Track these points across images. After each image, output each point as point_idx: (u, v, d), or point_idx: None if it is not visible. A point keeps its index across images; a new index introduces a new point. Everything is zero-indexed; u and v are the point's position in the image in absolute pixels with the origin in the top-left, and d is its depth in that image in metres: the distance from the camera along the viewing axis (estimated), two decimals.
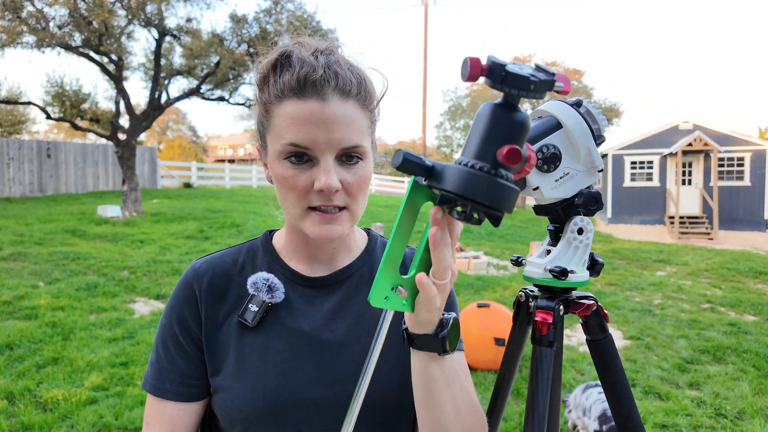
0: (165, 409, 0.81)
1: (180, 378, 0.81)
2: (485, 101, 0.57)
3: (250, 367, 0.78)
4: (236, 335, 0.80)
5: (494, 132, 0.51)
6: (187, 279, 0.84)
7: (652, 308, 6.31)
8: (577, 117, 0.86)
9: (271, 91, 0.74)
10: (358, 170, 0.75)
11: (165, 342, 0.83)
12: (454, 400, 0.70)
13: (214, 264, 0.86)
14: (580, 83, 21.89)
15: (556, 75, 0.52)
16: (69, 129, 17.95)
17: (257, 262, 0.86)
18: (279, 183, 0.75)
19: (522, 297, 0.98)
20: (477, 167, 0.50)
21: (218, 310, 0.82)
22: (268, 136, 0.76)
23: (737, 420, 3.52)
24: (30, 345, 4.22)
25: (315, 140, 0.71)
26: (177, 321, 0.82)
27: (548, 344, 0.89)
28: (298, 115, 0.71)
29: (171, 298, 0.85)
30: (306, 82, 0.71)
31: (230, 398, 0.77)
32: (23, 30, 9.22)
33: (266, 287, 0.81)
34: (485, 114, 0.52)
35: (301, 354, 0.79)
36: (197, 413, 0.83)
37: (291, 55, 0.74)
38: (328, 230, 0.75)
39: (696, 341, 5.07)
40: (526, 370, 3.84)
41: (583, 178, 0.87)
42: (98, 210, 10.58)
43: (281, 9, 11.03)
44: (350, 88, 0.74)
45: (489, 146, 0.51)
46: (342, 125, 0.72)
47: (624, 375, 0.95)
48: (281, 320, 0.81)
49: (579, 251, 0.90)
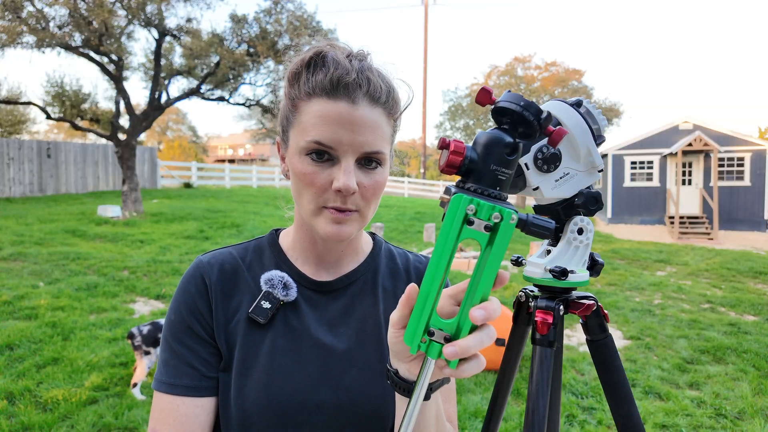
0: (179, 409, 0.77)
1: (199, 370, 0.78)
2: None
3: (255, 366, 0.77)
4: (243, 332, 0.79)
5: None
6: (197, 272, 0.82)
7: (652, 308, 6.31)
8: (577, 117, 0.86)
9: (301, 87, 0.75)
10: (376, 176, 0.76)
11: (178, 337, 0.80)
12: (439, 428, 0.73)
13: (221, 259, 0.85)
14: (580, 83, 21.86)
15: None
16: (69, 129, 17.95)
17: (264, 262, 0.86)
18: (297, 178, 0.76)
19: (522, 297, 0.98)
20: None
21: (227, 306, 0.81)
22: (292, 130, 0.77)
23: (737, 420, 3.52)
24: (30, 345, 4.21)
25: (340, 140, 0.72)
26: (190, 312, 0.80)
27: (548, 344, 0.89)
28: (327, 114, 0.72)
29: (179, 293, 0.82)
30: (339, 83, 0.72)
31: (233, 396, 0.77)
32: (23, 30, 9.22)
33: (282, 284, 0.81)
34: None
35: (306, 356, 0.79)
36: (212, 411, 0.80)
37: (326, 56, 0.75)
38: (339, 230, 0.75)
39: (696, 341, 5.07)
40: (526, 370, 3.84)
41: (583, 178, 0.88)
42: (98, 210, 10.58)
43: (281, 9, 11.04)
44: (379, 95, 0.75)
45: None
46: (367, 129, 0.73)
47: (624, 375, 0.95)
48: (288, 321, 0.81)
49: (579, 251, 0.90)
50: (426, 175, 28.41)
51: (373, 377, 0.80)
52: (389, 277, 0.90)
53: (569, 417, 3.45)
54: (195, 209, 11.62)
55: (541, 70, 22.65)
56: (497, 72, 23.35)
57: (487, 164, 0.54)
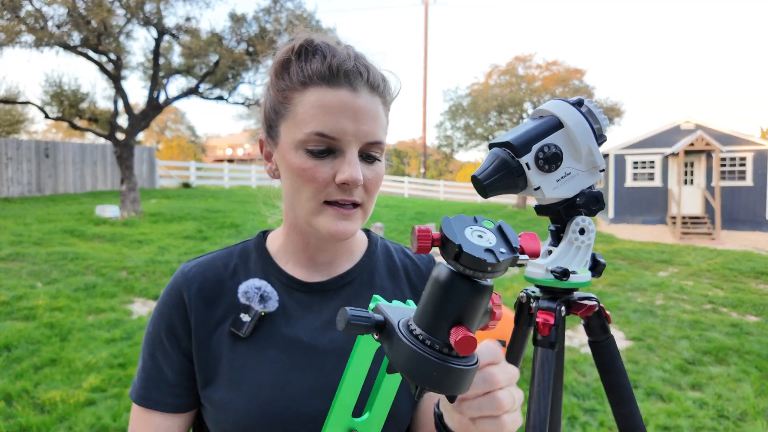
0: (152, 420, 0.77)
1: (168, 388, 0.77)
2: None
3: (243, 379, 0.73)
4: (228, 344, 0.75)
5: (448, 307, 0.45)
6: (176, 284, 0.79)
7: (653, 309, 6.29)
8: (578, 116, 0.85)
9: (293, 77, 0.71)
10: (376, 168, 0.73)
11: (152, 350, 0.78)
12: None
13: (204, 268, 0.80)
14: (581, 82, 21.83)
15: (520, 243, 0.45)
16: (67, 129, 17.96)
17: (250, 267, 0.81)
18: (295, 175, 0.71)
19: (523, 298, 0.98)
20: (428, 344, 0.45)
21: (209, 317, 0.77)
22: (284, 124, 0.72)
23: (739, 421, 3.50)
24: (28, 346, 4.20)
25: (343, 130, 0.68)
26: (165, 329, 0.77)
27: (550, 345, 0.89)
28: (328, 103, 0.68)
29: (159, 304, 0.80)
30: (339, 71, 0.69)
31: (223, 411, 0.73)
32: (22, 29, 9.19)
33: (258, 297, 0.76)
34: (441, 281, 0.45)
35: (297, 364, 0.75)
36: (185, 424, 0.79)
37: (317, 44, 0.71)
38: (344, 227, 0.72)
39: (698, 342, 5.05)
40: (527, 371, 3.83)
41: (585, 178, 0.87)
42: (96, 210, 10.57)
43: (280, 8, 11.02)
44: (378, 84, 0.73)
45: (442, 323, 0.45)
46: (369, 118, 0.70)
47: (626, 376, 0.95)
48: (277, 328, 0.76)
49: (581, 252, 0.89)
50: (426, 175, 28.43)
51: (378, 372, 0.76)
52: (388, 278, 0.86)
53: (571, 419, 3.44)
54: (194, 209, 11.61)
55: (542, 69, 22.61)
56: (498, 71, 23.33)
57: None
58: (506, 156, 0.85)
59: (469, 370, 0.46)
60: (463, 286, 0.44)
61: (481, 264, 0.42)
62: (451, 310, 0.45)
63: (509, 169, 0.84)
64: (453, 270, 0.45)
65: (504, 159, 0.84)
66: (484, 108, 22.25)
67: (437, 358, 0.45)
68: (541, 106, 0.90)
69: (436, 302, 0.45)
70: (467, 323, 0.45)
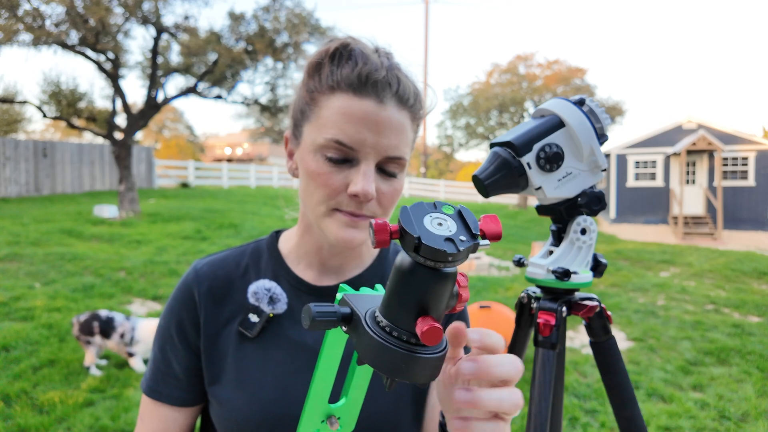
0: (159, 411, 0.79)
1: (175, 382, 0.79)
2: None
3: (248, 379, 0.74)
4: (236, 343, 0.77)
5: (412, 296, 0.43)
6: (188, 282, 0.80)
7: (655, 309, 6.28)
8: (580, 115, 0.85)
9: (323, 80, 0.69)
10: (393, 183, 0.72)
11: (162, 344, 0.80)
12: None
13: (215, 266, 0.81)
14: (582, 81, 21.82)
15: (481, 227, 0.44)
16: (65, 128, 17.96)
17: (261, 267, 0.82)
18: (309, 177, 0.70)
19: (524, 298, 0.98)
20: (395, 335, 0.44)
21: (218, 315, 0.78)
22: (307, 125, 0.71)
23: (741, 422, 3.49)
24: (26, 346, 4.18)
25: (363, 141, 0.67)
26: (175, 325, 0.79)
27: (551, 346, 0.89)
28: (351, 111, 0.67)
29: (171, 299, 0.82)
30: (368, 80, 0.67)
31: (227, 409, 0.74)
32: (19, 28, 9.17)
33: (267, 298, 0.77)
34: (403, 270, 0.44)
35: (301, 367, 0.75)
36: (192, 417, 0.82)
37: (353, 49, 0.69)
38: (352, 235, 0.70)
39: (700, 343, 5.04)
40: (528, 372, 3.82)
41: (587, 178, 0.87)
42: (94, 210, 10.55)
43: (280, 6, 11.00)
44: (408, 97, 0.70)
45: (407, 312, 0.44)
46: (393, 132, 0.68)
47: (627, 377, 0.96)
48: (284, 331, 0.77)
49: (582, 252, 0.89)
50: (427, 175, 28.43)
51: (379, 387, 0.74)
52: None
53: (572, 420, 3.43)
54: (192, 209, 11.59)
55: (544, 68, 22.62)
56: (499, 70, 23.34)
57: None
58: (507, 155, 0.84)
59: (436, 357, 0.45)
60: (425, 275, 0.43)
61: (441, 255, 0.41)
62: (416, 299, 0.44)
63: (510, 169, 0.83)
64: (417, 262, 0.44)
65: (505, 158, 0.84)
66: (484, 107, 22.26)
67: (404, 349, 0.44)
68: (542, 105, 0.90)
69: (400, 292, 0.44)
70: (433, 311, 0.44)
